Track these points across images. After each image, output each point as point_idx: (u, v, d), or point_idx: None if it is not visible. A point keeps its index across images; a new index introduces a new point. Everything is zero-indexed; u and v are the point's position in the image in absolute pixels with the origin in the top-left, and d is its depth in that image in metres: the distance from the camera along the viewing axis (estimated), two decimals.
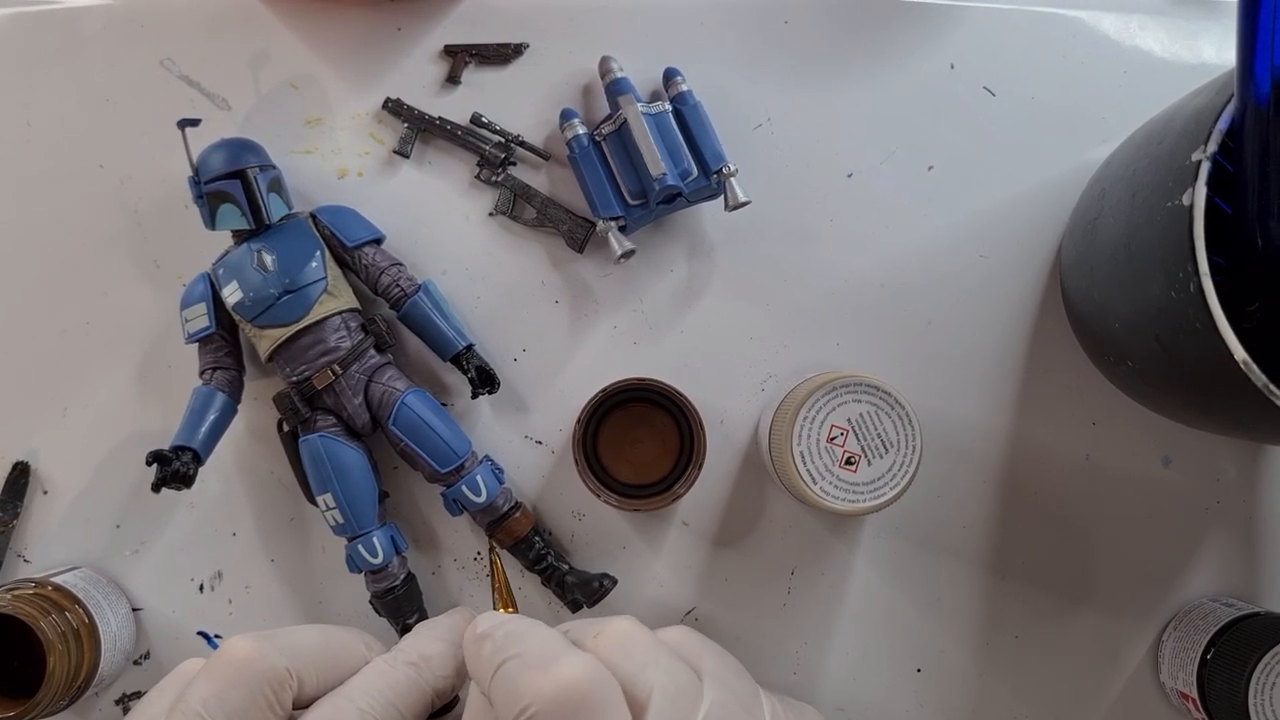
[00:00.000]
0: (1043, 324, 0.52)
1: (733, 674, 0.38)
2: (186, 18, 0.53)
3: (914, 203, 0.53)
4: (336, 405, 0.48)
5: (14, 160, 0.52)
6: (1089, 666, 0.52)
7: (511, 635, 0.34)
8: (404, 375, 0.50)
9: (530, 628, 0.35)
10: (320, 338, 0.47)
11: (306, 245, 0.48)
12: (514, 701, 0.32)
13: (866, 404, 0.44)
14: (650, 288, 0.52)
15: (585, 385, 0.50)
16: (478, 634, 0.35)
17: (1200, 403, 0.42)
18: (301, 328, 0.47)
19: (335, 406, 0.48)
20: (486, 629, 0.35)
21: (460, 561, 0.52)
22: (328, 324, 0.47)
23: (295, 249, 0.48)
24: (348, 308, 0.48)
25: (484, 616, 0.37)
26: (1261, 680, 0.45)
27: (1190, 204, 0.36)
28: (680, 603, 0.52)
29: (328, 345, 0.47)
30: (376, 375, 0.49)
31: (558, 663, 0.32)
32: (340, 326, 0.48)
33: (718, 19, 0.53)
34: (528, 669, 0.32)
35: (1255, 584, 0.52)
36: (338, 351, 0.48)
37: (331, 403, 0.48)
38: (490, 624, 0.36)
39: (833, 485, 0.44)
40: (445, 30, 0.53)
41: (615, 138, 0.50)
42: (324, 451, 0.47)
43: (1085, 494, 0.52)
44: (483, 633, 0.35)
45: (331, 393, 0.48)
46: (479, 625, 0.36)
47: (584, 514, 0.52)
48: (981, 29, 0.53)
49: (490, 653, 0.34)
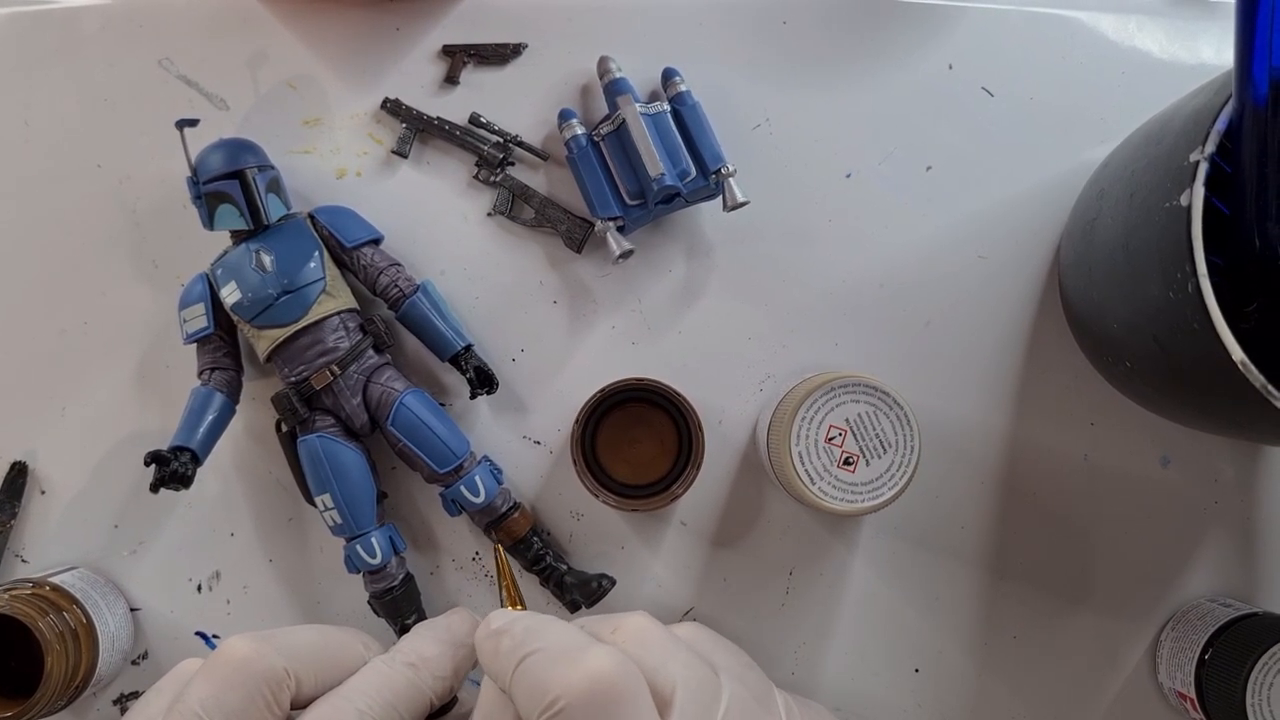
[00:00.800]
0: (1041, 324, 0.52)
1: (747, 669, 0.38)
2: (185, 18, 0.52)
3: (913, 203, 0.53)
4: (335, 405, 0.48)
5: (13, 160, 0.52)
6: (1087, 666, 0.52)
7: (531, 630, 0.34)
8: (402, 376, 0.50)
9: (548, 623, 0.34)
10: (319, 338, 0.47)
11: (305, 245, 0.48)
12: (540, 696, 0.31)
13: (865, 404, 0.44)
14: (649, 288, 0.52)
15: (584, 385, 0.50)
16: (493, 630, 0.35)
17: (1198, 403, 0.42)
18: (300, 328, 0.47)
19: (334, 407, 0.48)
20: (502, 625, 0.35)
21: (459, 562, 0.52)
22: (326, 324, 0.47)
23: (294, 249, 0.48)
24: (346, 308, 0.48)
25: (497, 613, 0.36)
26: (1259, 680, 0.45)
27: (1188, 205, 0.36)
28: (678, 603, 0.52)
29: (326, 346, 0.47)
30: (375, 376, 0.49)
31: (585, 655, 0.31)
32: (339, 327, 0.48)
33: (716, 19, 0.53)
34: (554, 662, 0.32)
35: (1253, 584, 0.52)
36: (336, 352, 0.47)
37: (330, 403, 0.48)
38: (506, 620, 0.35)
39: (831, 485, 0.44)
40: (444, 30, 0.53)
41: (614, 138, 0.50)
42: (322, 451, 0.47)
43: (1083, 494, 0.52)
44: (499, 629, 0.35)
45: (330, 393, 0.48)
46: (493, 621, 0.35)
47: (582, 514, 0.52)
48: (980, 29, 0.53)
49: (510, 648, 0.33)
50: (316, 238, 0.49)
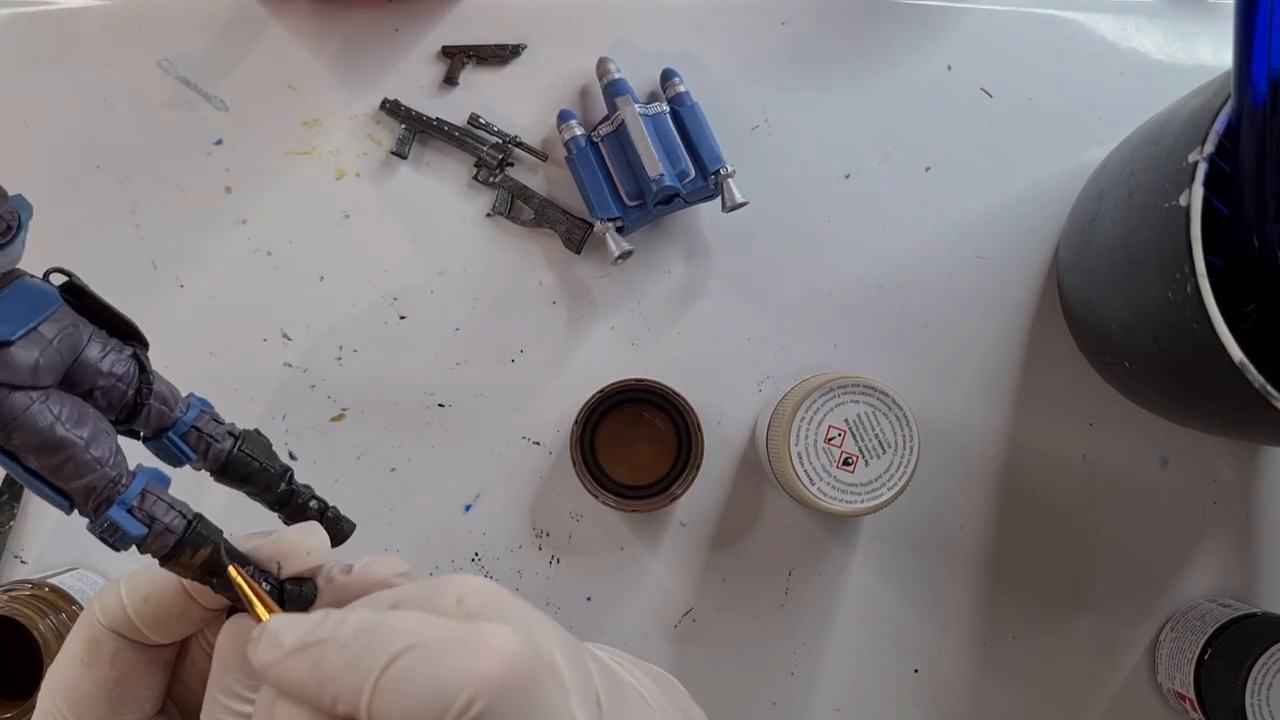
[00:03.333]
0: (1040, 325, 0.52)
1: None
2: (184, 18, 0.52)
3: (911, 204, 0.53)
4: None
5: (11, 160, 0.52)
6: (1086, 667, 0.52)
7: (367, 629, 0.24)
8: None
9: (375, 615, 0.25)
10: None
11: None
12: (441, 701, 0.23)
13: (864, 405, 0.44)
14: (648, 288, 0.52)
15: (583, 386, 0.50)
16: (298, 644, 0.25)
17: (1197, 403, 0.42)
18: None
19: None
20: (307, 632, 0.25)
21: (458, 563, 0.52)
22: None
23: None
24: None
25: (272, 629, 0.25)
26: (1258, 680, 0.45)
27: (1187, 205, 0.36)
28: (677, 603, 0.52)
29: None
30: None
31: (481, 638, 0.24)
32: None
33: (715, 20, 0.53)
34: (444, 655, 0.24)
35: (1252, 584, 0.52)
36: None
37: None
38: (304, 629, 0.25)
39: (830, 486, 0.44)
40: (443, 31, 0.53)
41: (613, 139, 0.50)
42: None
43: (1082, 494, 0.52)
44: (309, 639, 0.25)
45: None
46: (284, 638, 0.25)
47: (581, 514, 0.52)
48: (979, 30, 0.53)
49: (356, 654, 0.24)
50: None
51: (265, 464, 0.30)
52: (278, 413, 0.52)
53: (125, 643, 0.29)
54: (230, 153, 0.52)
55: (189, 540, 0.28)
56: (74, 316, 0.28)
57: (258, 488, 0.31)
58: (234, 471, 0.30)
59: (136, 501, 0.28)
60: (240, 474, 0.30)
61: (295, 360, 0.52)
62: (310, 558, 0.29)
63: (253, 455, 0.30)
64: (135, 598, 0.29)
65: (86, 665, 0.29)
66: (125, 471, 0.28)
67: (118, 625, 0.29)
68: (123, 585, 0.29)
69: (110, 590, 0.29)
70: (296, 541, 0.29)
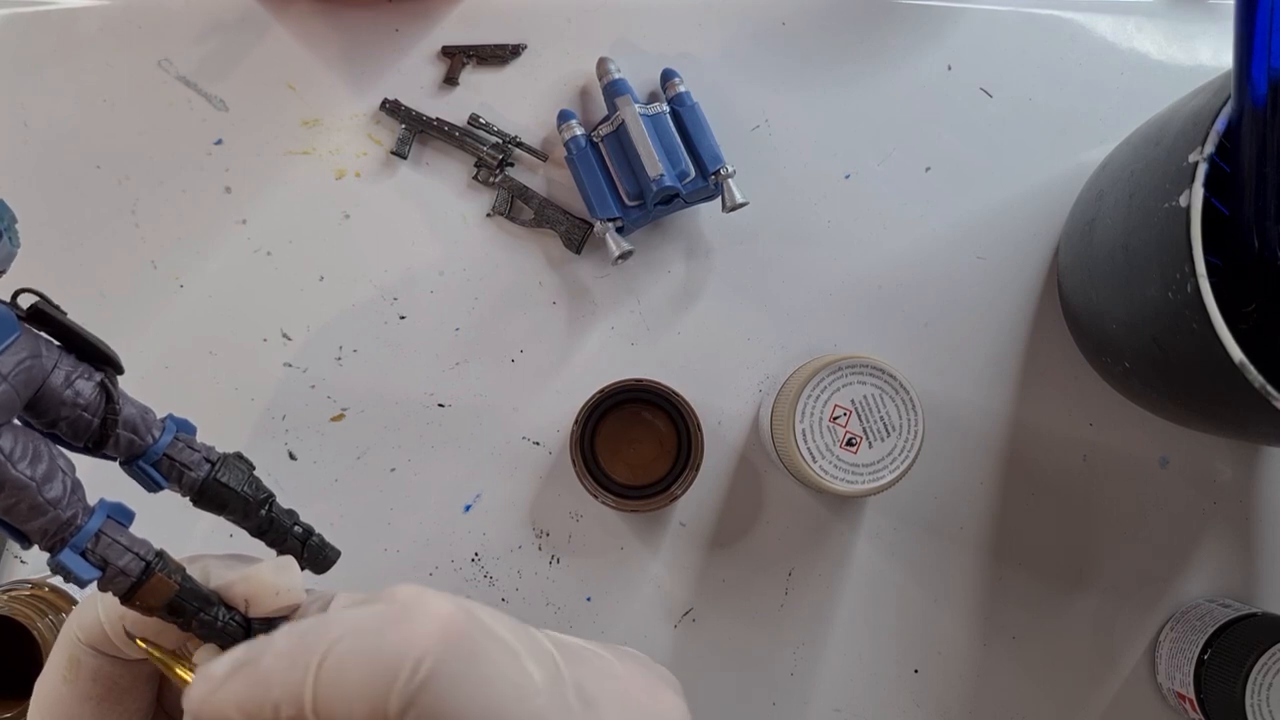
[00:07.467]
0: (1040, 325, 0.52)
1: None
2: (184, 18, 0.52)
3: (911, 204, 0.53)
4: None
5: (11, 161, 0.52)
6: (1086, 667, 0.52)
7: (300, 633, 0.24)
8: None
9: (306, 621, 0.25)
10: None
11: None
12: (386, 673, 0.23)
13: (871, 386, 0.44)
14: (648, 289, 0.52)
15: (583, 386, 0.50)
16: (233, 667, 0.24)
17: (1197, 404, 0.42)
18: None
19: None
20: (237, 660, 0.24)
21: (458, 563, 0.52)
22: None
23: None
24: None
25: (202, 669, 0.25)
26: (1258, 680, 0.45)
27: (1187, 205, 0.36)
28: (677, 603, 0.52)
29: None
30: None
31: (414, 609, 0.24)
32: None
33: (715, 20, 0.53)
34: (379, 632, 0.23)
35: (1252, 584, 0.52)
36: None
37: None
38: (234, 656, 0.24)
39: (832, 465, 0.44)
40: (443, 31, 0.53)
41: (613, 139, 0.50)
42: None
43: (1082, 494, 0.52)
44: (239, 662, 0.24)
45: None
46: (216, 670, 0.24)
47: (581, 515, 0.52)
48: (978, 30, 0.53)
49: (290, 659, 0.23)
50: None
51: (242, 491, 0.29)
52: (277, 413, 0.52)
53: (106, 659, 0.29)
54: (230, 153, 0.52)
55: (145, 583, 0.27)
56: (35, 345, 0.27)
57: (236, 515, 0.30)
58: (210, 499, 0.29)
59: (90, 544, 0.27)
60: (217, 502, 0.29)
61: (295, 360, 0.52)
62: (279, 598, 0.28)
63: (227, 484, 0.29)
64: (112, 615, 0.28)
65: (69, 683, 0.29)
66: (82, 510, 0.27)
67: (96, 642, 0.28)
68: (100, 602, 0.28)
69: (88, 607, 0.29)
70: (266, 581, 0.28)
